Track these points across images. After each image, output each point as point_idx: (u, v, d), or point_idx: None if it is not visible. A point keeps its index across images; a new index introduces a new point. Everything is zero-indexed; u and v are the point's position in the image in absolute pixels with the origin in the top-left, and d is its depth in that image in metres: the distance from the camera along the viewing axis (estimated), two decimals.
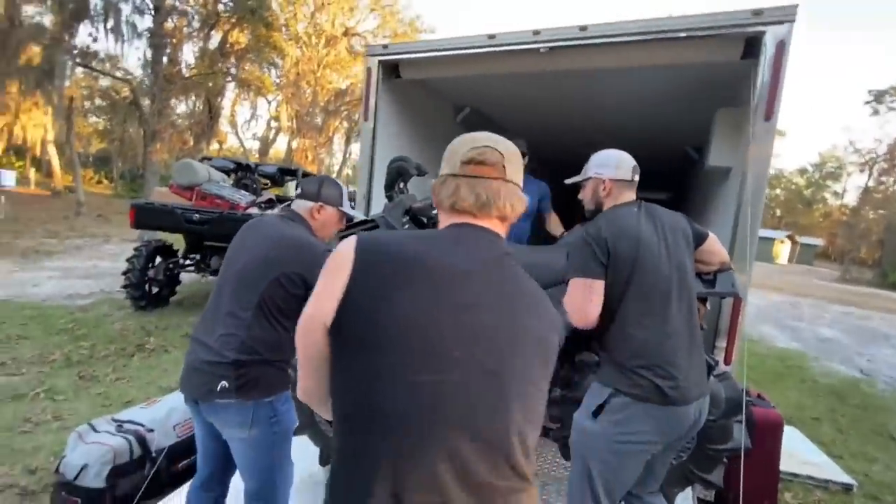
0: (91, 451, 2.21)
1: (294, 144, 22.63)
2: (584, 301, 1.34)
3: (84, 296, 5.97)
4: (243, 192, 6.01)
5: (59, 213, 13.74)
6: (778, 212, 49.42)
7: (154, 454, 2.35)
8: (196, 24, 12.22)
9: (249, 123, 30.58)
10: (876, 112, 31.64)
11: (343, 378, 0.74)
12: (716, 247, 1.55)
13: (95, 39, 9.91)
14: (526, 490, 0.74)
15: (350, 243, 0.77)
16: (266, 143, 28.15)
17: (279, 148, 32.96)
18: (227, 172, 6.44)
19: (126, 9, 9.76)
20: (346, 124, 24.01)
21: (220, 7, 11.89)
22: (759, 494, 2.61)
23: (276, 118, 23.74)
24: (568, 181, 1.68)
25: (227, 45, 13.50)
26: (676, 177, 5.64)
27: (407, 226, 2.22)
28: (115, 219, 14.18)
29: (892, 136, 33.69)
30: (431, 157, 3.98)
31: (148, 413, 2.53)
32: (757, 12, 2.16)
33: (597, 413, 1.33)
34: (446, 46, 2.90)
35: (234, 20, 12.23)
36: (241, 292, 1.42)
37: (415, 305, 0.71)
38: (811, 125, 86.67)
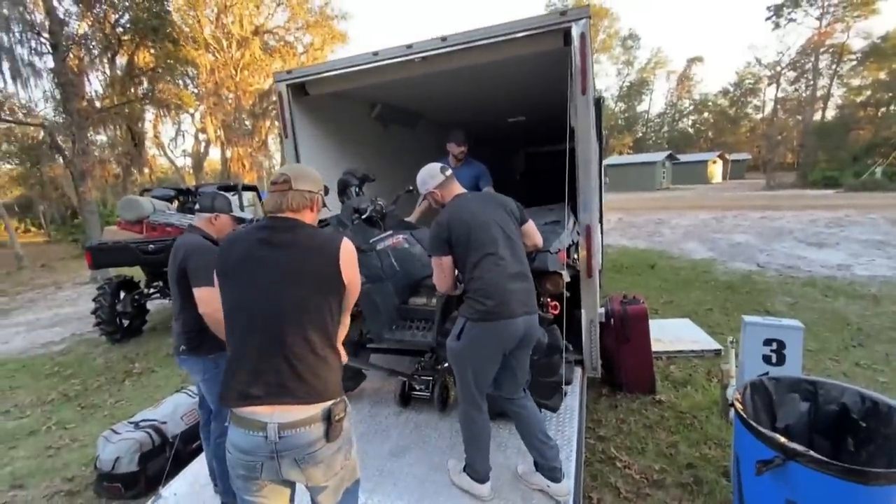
0: (119, 446, 2.80)
1: (228, 154, 22.21)
2: (440, 274, 2.07)
3: (58, 342, 6.27)
4: (190, 215, 6.38)
5: None
6: (710, 133, 52.46)
7: (171, 440, 2.96)
8: (96, 52, 11.85)
9: (176, 141, 29.24)
10: (777, 25, 33.93)
11: None
12: (531, 231, 2.20)
13: None
14: None
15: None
16: (198, 158, 27.31)
17: (214, 159, 32.02)
18: (169, 200, 6.76)
19: (23, 51, 9.48)
20: (277, 124, 23.56)
21: (119, 30, 11.56)
22: (640, 369, 3.51)
23: (203, 130, 23.11)
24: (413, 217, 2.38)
25: (136, 69, 13.14)
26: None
27: (356, 221, 2.83)
28: (60, 266, 13.88)
29: (793, 46, 36.36)
30: (354, 153, 4.62)
31: (157, 411, 3.13)
32: (563, 12, 2.86)
33: (459, 337, 2.00)
34: (340, 66, 3.45)
35: (136, 42, 11.92)
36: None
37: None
38: (727, 48, 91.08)
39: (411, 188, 2.77)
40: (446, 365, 2.62)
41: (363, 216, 2.78)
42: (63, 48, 9.41)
